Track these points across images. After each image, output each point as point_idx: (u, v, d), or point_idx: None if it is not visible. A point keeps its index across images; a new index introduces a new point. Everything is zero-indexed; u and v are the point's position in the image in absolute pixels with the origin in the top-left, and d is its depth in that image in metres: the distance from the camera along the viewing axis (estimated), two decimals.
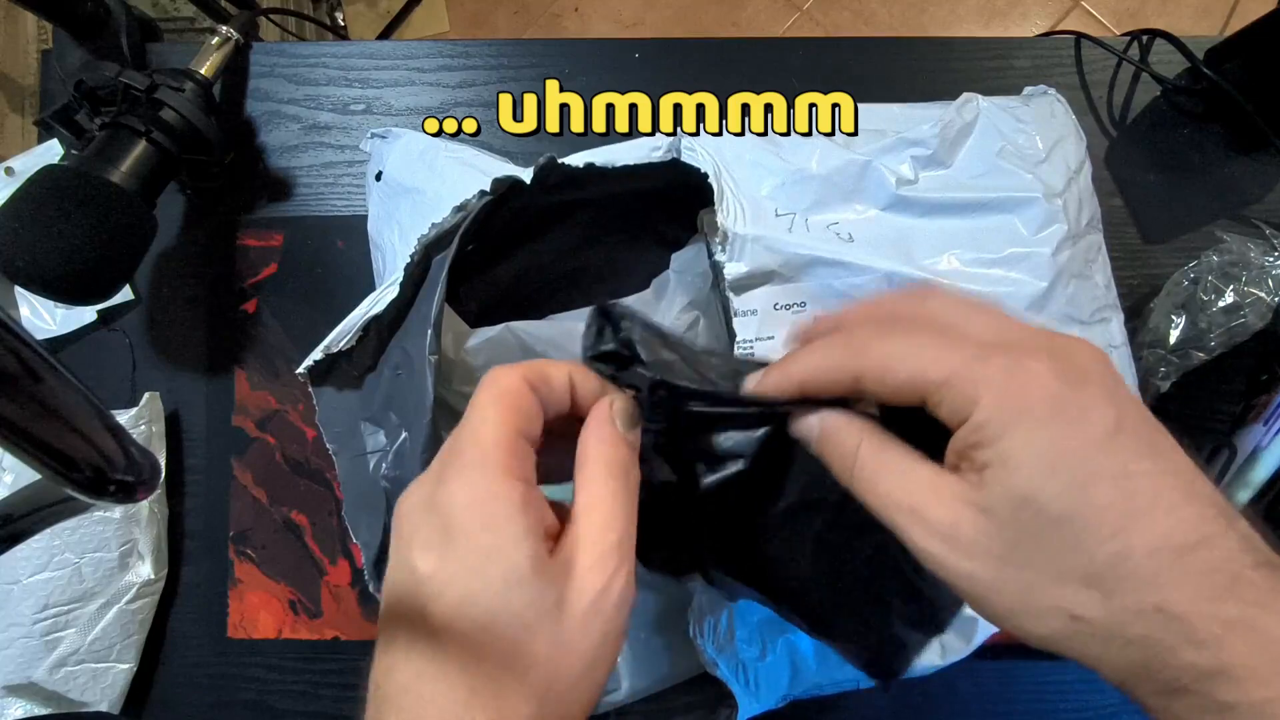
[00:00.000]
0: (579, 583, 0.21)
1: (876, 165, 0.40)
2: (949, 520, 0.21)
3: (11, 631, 0.46)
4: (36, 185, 0.42)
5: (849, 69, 0.56)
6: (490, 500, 0.21)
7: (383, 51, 0.57)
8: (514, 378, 0.24)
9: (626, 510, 0.23)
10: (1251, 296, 0.47)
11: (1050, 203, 0.40)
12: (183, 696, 0.51)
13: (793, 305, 0.42)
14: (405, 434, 0.39)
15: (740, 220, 0.40)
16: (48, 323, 0.53)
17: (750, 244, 0.40)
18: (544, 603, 0.21)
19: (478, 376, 0.43)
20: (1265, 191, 0.54)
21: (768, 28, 1.43)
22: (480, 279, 0.46)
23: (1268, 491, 0.45)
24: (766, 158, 0.41)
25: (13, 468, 0.47)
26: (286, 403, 0.53)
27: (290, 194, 0.55)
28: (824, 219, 0.41)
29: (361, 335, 0.40)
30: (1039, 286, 0.40)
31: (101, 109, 0.47)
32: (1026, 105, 0.44)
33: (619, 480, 0.23)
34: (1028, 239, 0.40)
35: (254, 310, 0.54)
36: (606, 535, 0.22)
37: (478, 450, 0.22)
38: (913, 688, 0.48)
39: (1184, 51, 0.54)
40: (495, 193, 0.40)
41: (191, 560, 0.52)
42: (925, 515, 0.21)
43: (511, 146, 0.55)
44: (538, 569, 0.21)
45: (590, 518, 0.23)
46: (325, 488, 0.52)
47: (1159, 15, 1.39)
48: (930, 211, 0.41)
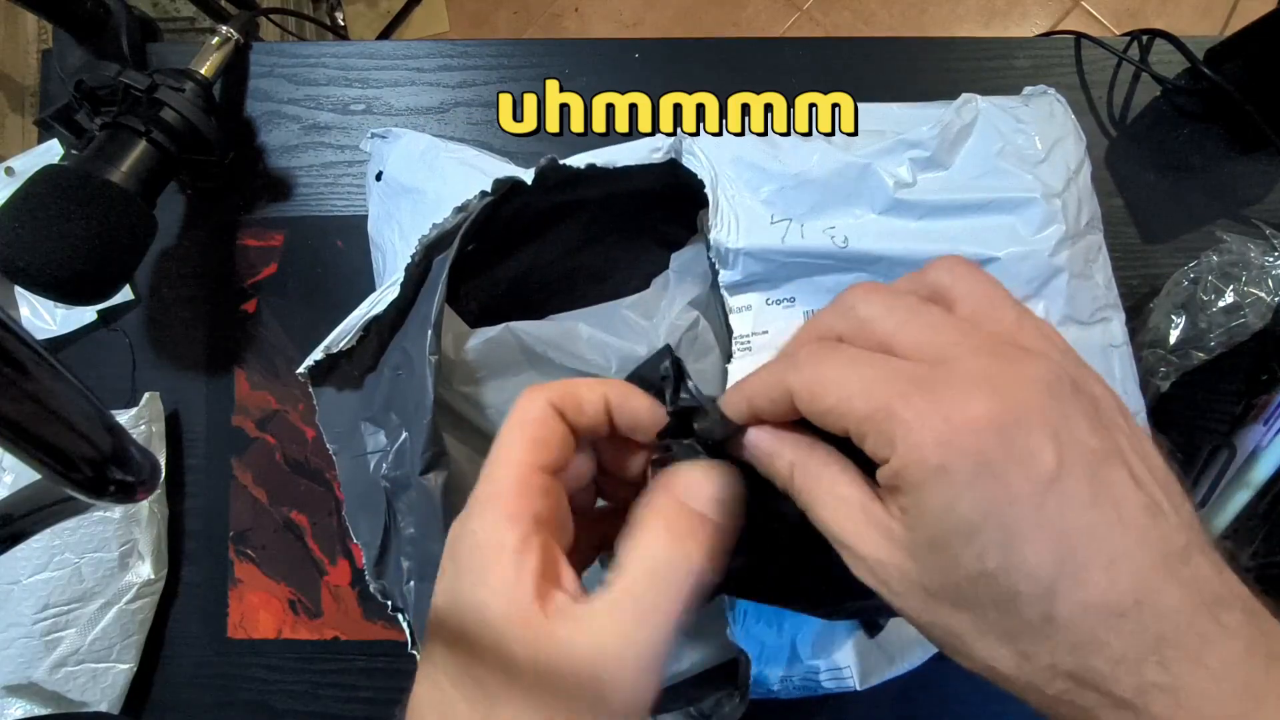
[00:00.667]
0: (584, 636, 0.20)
1: (875, 168, 0.41)
2: (875, 557, 0.20)
3: (11, 631, 0.46)
4: (36, 185, 0.42)
5: (849, 69, 0.56)
6: (486, 547, 0.21)
7: (383, 51, 0.57)
8: (539, 404, 0.23)
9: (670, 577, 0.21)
10: (1251, 296, 0.47)
11: (1049, 203, 0.40)
12: (183, 696, 0.51)
13: (782, 301, 0.42)
14: (406, 434, 0.39)
15: (733, 232, 0.40)
16: (48, 323, 0.53)
17: (743, 256, 0.41)
18: (523, 653, 0.20)
19: (478, 376, 0.43)
20: (1265, 191, 0.54)
21: (768, 28, 1.43)
22: (480, 279, 0.46)
23: (1267, 491, 0.45)
24: (766, 160, 0.41)
25: (13, 468, 0.47)
26: (286, 403, 0.53)
27: (290, 194, 0.55)
28: (820, 223, 0.41)
29: (362, 335, 0.40)
30: (1038, 286, 0.41)
31: (101, 109, 0.47)
32: (1026, 105, 0.44)
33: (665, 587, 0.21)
34: (1027, 239, 0.40)
35: (254, 310, 0.54)
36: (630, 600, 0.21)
37: (489, 487, 0.22)
38: (912, 685, 0.48)
39: (1184, 51, 0.54)
40: (496, 193, 0.40)
41: (191, 560, 0.52)
42: (854, 548, 0.20)
43: (511, 146, 0.55)
44: (522, 621, 0.20)
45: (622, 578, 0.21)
46: (325, 488, 0.52)
47: (1159, 15, 1.39)
48: (929, 214, 0.41)
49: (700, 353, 0.45)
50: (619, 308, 0.46)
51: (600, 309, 0.46)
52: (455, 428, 0.44)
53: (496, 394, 0.44)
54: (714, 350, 0.45)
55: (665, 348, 0.25)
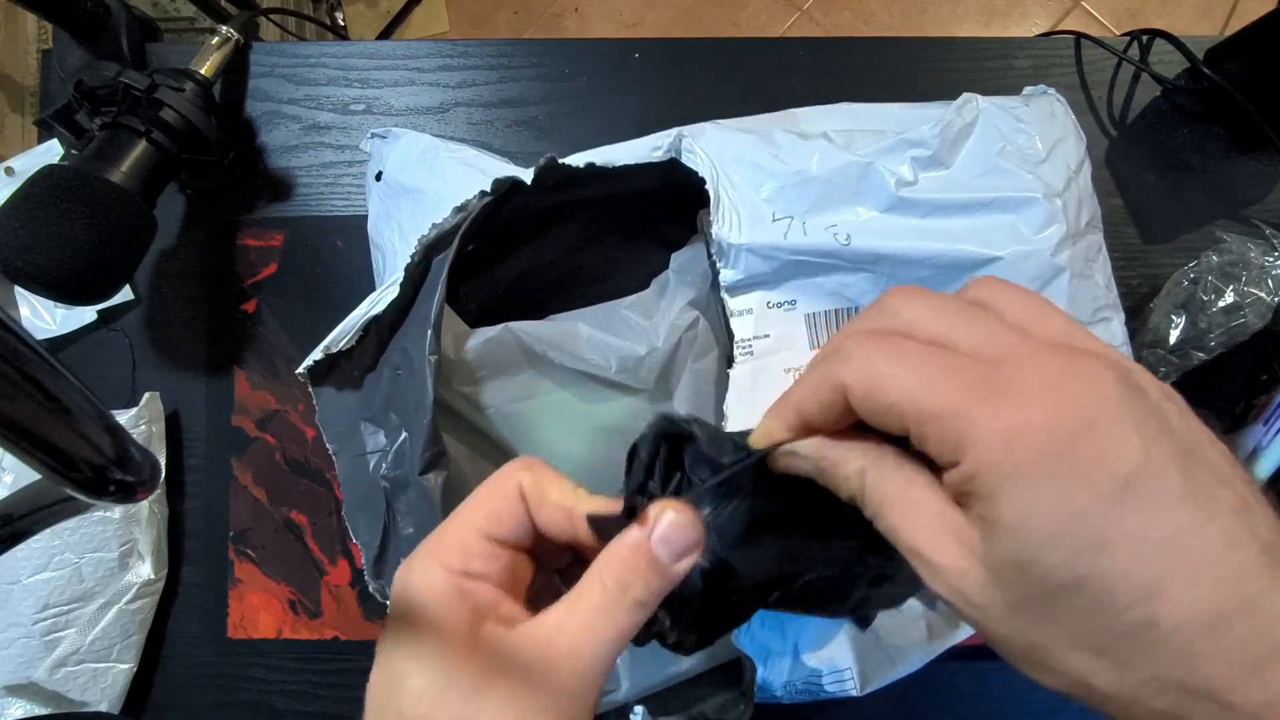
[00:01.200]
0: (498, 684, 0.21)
1: (877, 167, 0.41)
2: (955, 568, 0.19)
3: (11, 631, 0.46)
4: (36, 185, 0.42)
5: (849, 69, 0.56)
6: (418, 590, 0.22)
7: (383, 51, 0.57)
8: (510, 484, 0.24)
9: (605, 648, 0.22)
10: (1251, 296, 0.47)
11: (1051, 202, 0.40)
12: (183, 696, 0.51)
13: (784, 304, 0.42)
14: (405, 434, 0.39)
15: (735, 229, 0.40)
16: (48, 323, 0.53)
17: (744, 253, 0.40)
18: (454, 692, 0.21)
19: (478, 376, 0.43)
20: (1265, 191, 0.54)
21: (768, 28, 1.43)
22: (480, 279, 0.46)
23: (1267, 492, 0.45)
24: (766, 159, 0.41)
25: (13, 468, 0.47)
26: (286, 403, 0.53)
27: (290, 194, 0.55)
28: (823, 221, 0.41)
29: (362, 335, 0.40)
30: (1039, 286, 0.41)
31: (101, 109, 0.47)
32: (1026, 105, 0.44)
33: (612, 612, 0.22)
34: (1029, 238, 0.40)
35: (254, 310, 0.54)
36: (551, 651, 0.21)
37: (437, 538, 0.23)
38: (914, 685, 0.48)
39: (1184, 51, 0.54)
40: (496, 193, 0.40)
41: (191, 560, 0.52)
42: (931, 558, 0.19)
43: (512, 147, 0.55)
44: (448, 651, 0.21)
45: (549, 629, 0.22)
46: (325, 488, 0.52)
47: (1159, 15, 1.39)
48: (931, 212, 0.41)
49: (700, 352, 0.45)
50: (619, 308, 0.46)
51: (600, 309, 0.46)
52: (455, 428, 0.44)
53: (496, 394, 0.44)
54: (714, 350, 0.45)
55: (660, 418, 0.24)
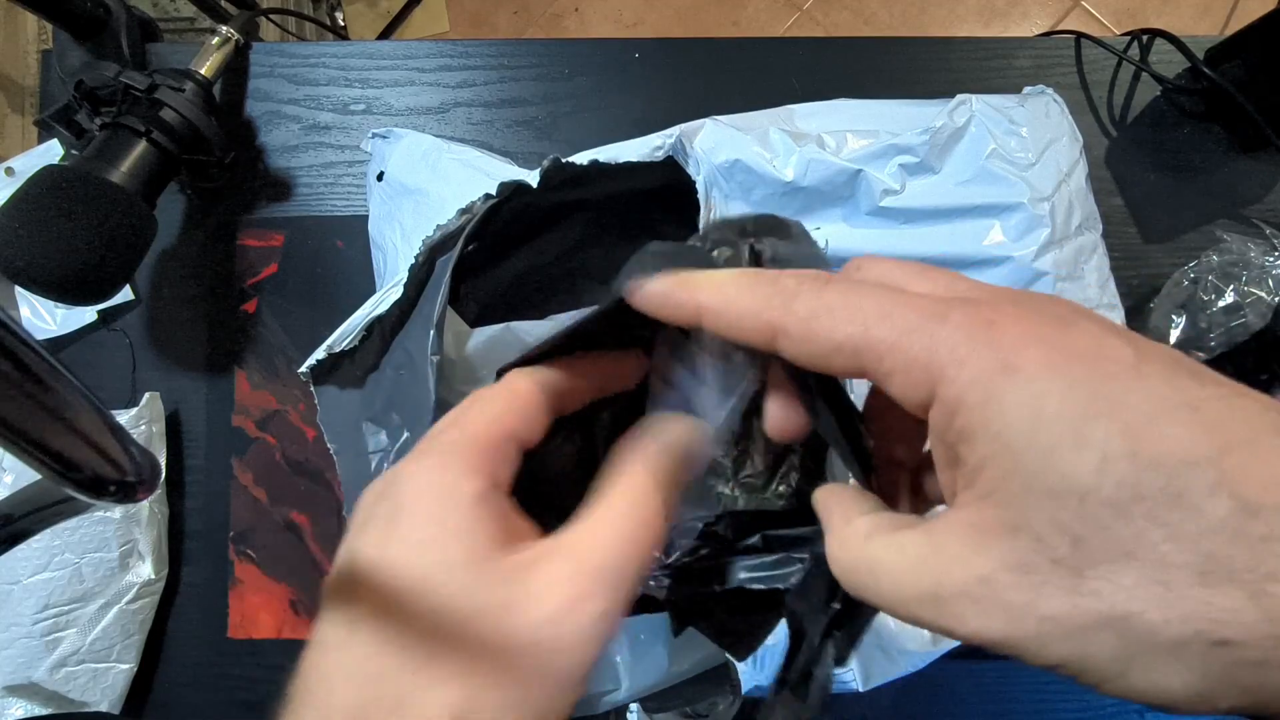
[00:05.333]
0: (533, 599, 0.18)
1: (865, 174, 0.42)
2: (975, 592, 0.15)
3: (11, 631, 0.46)
4: (36, 185, 0.42)
5: (849, 69, 0.56)
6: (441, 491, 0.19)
7: (383, 51, 0.57)
8: (528, 383, 0.21)
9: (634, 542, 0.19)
10: (1251, 296, 0.47)
11: (1036, 207, 0.41)
12: (183, 696, 0.51)
13: None
14: (407, 434, 0.39)
15: None
16: (48, 323, 0.53)
17: None
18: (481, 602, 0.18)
19: (479, 376, 0.43)
20: (1265, 191, 0.54)
21: (768, 28, 1.43)
22: (481, 279, 0.46)
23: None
24: (759, 162, 0.41)
25: (13, 468, 0.47)
26: (286, 403, 0.53)
27: (290, 194, 0.55)
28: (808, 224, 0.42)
29: (365, 335, 0.40)
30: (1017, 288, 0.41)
31: (101, 109, 0.47)
32: (1022, 105, 0.44)
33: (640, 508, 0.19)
34: (1007, 244, 0.41)
35: (254, 310, 0.54)
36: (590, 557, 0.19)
37: (455, 434, 0.20)
38: (913, 687, 0.48)
39: (1184, 51, 0.54)
40: (500, 196, 0.40)
41: (191, 560, 0.52)
42: (940, 597, 0.16)
43: (513, 147, 0.55)
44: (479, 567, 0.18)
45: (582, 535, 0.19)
46: (325, 488, 0.52)
47: (1159, 15, 1.39)
48: (911, 219, 0.42)
49: None
50: None
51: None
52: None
53: None
54: None
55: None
